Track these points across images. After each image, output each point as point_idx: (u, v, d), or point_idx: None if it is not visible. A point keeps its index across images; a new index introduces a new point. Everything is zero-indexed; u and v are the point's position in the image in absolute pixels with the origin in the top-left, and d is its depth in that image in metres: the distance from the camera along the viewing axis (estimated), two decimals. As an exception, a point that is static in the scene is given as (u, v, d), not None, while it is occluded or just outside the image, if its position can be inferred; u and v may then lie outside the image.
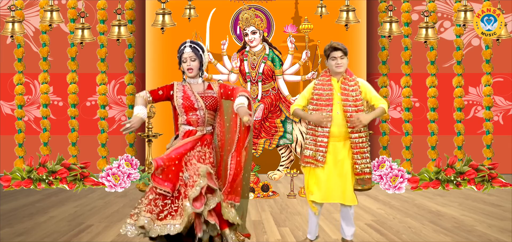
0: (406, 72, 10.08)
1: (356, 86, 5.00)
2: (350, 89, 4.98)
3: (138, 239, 5.55)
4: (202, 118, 4.76)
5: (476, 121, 10.18)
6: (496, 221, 6.25)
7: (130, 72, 10.10)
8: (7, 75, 10.12)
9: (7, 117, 10.16)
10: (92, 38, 9.36)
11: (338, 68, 5.00)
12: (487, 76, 10.06)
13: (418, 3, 10.06)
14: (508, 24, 9.68)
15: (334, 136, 4.97)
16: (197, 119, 4.75)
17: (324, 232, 5.79)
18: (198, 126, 4.76)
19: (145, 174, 8.46)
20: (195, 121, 4.75)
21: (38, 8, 10.03)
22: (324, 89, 5.02)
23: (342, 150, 4.98)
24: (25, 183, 8.40)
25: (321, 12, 9.41)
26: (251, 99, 4.80)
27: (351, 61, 9.91)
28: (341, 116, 4.96)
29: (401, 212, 6.80)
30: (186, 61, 4.77)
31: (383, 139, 10.10)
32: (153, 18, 9.41)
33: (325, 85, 5.03)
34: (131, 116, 4.96)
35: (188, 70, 4.77)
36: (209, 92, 4.82)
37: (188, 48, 4.78)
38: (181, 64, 4.80)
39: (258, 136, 9.16)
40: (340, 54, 4.99)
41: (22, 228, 6.01)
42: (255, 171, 8.12)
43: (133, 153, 9.86)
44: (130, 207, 7.19)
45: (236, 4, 9.80)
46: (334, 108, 4.97)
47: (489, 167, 8.33)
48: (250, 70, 9.18)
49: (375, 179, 8.29)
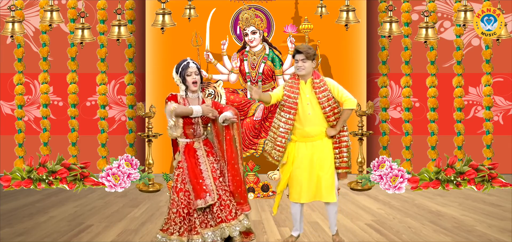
0: (406, 72, 10.08)
1: (325, 86, 5.13)
2: (321, 89, 5.11)
3: (138, 239, 5.55)
4: (197, 131, 5.05)
5: (476, 121, 10.18)
6: (496, 221, 6.25)
7: (130, 72, 10.10)
8: (7, 75, 10.12)
9: (7, 117, 10.16)
10: (92, 38, 9.36)
11: (299, 71, 5.14)
12: (487, 76, 10.06)
13: (418, 3, 10.05)
14: (508, 24, 9.68)
15: (309, 135, 5.12)
16: (193, 132, 5.03)
17: (324, 232, 5.80)
18: (194, 137, 5.03)
19: (145, 174, 8.46)
20: (191, 134, 5.03)
21: (38, 8, 10.03)
22: (292, 92, 5.15)
23: (318, 148, 5.12)
24: (25, 183, 8.40)
25: (321, 12, 9.41)
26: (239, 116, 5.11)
27: (351, 61, 10.03)
28: (314, 116, 5.10)
29: (401, 212, 6.80)
30: (191, 75, 5.00)
31: (383, 139, 10.10)
32: (153, 18, 9.41)
33: (293, 87, 5.17)
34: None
35: (193, 84, 5.00)
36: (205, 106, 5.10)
37: (193, 64, 5.02)
38: (186, 78, 5.00)
39: (258, 136, 9.17)
40: (302, 57, 5.11)
41: (22, 228, 6.02)
42: (255, 171, 8.12)
43: (133, 153, 9.86)
44: (130, 207, 7.20)
45: (236, 4, 9.80)
46: (304, 109, 5.11)
47: (489, 167, 8.32)
48: (250, 70, 9.19)
49: (375, 179, 8.29)
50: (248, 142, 9.08)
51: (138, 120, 10.09)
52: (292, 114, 5.11)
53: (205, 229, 4.88)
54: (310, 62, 5.12)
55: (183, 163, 4.97)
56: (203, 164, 4.98)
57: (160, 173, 8.72)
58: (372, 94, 10.07)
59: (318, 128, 5.12)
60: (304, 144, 5.14)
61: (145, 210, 7.01)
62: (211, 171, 4.97)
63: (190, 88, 5.02)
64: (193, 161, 4.95)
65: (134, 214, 6.76)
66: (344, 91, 5.16)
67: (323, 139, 5.15)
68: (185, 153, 4.98)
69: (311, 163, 5.12)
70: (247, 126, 9.08)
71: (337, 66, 9.80)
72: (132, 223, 6.25)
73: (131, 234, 5.76)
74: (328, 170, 5.11)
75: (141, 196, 8.10)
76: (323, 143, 5.14)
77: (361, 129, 8.53)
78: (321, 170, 5.10)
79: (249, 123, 9.09)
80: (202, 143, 5.05)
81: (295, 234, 5.36)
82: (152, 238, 5.53)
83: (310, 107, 5.11)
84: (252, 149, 9.13)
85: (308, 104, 5.11)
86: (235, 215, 4.95)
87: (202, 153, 5.00)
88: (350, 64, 9.92)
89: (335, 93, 5.14)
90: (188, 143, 5.02)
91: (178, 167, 5.00)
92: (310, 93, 5.13)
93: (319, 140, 5.14)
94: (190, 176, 4.92)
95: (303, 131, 5.13)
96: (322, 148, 5.13)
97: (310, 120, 5.11)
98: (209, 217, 4.91)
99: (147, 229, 5.95)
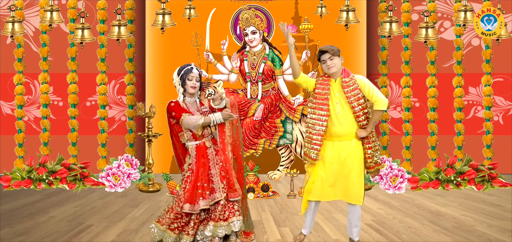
0: (406, 72, 10.08)
1: (355, 84, 5.03)
2: (351, 88, 5.01)
3: (138, 239, 5.55)
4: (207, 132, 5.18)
5: (476, 121, 10.18)
6: (496, 221, 6.25)
7: (130, 72, 10.10)
8: (7, 75, 10.12)
9: (7, 117, 10.16)
10: (92, 38, 9.36)
11: (330, 69, 5.06)
12: (487, 76, 10.06)
13: (418, 3, 10.06)
14: (508, 24, 9.68)
15: (337, 135, 5.03)
16: (202, 133, 5.15)
17: (324, 232, 5.79)
18: (204, 138, 5.16)
19: (145, 174, 8.46)
20: (201, 135, 5.15)
21: (38, 8, 10.03)
22: (322, 89, 5.08)
23: (347, 148, 5.03)
24: (25, 183, 8.40)
25: (321, 12, 9.41)
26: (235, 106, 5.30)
27: (351, 61, 10.03)
28: (343, 115, 5.01)
29: (401, 212, 6.80)
30: (192, 80, 5.13)
31: (383, 139, 10.10)
32: (153, 18, 9.41)
33: (323, 85, 5.09)
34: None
35: (192, 88, 5.13)
36: (203, 108, 5.23)
37: (196, 70, 5.17)
38: (186, 82, 5.12)
39: (258, 136, 9.16)
40: (328, 56, 5.05)
41: (22, 228, 6.02)
42: (255, 171, 8.12)
43: (133, 153, 9.86)
44: (130, 207, 7.20)
45: (236, 4, 9.80)
46: (333, 107, 5.02)
47: (489, 167, 8.32)
48: (250, 70, 9.18)
49: (375, 179, 8.29)
50: (248, 142, 9.08)
51: (138, 120, 10.09)
52: (325, 111, 5.01)
53: (207, 225, 5.07)
54: (338, 58, 5.04)
55: (194, 166, 5.10)
56: (212, 163, 5.12)
57: (160, 173, 8.72)
58: (372, 94, 10.06)
59: (347, 128, 5.02)
60: (331, 143, 5.06)
61: (145, 210, 7.01)
62: (219, 170, 5.12)
63: (188, 91, 5.13)
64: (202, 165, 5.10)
65: (134, 214, 6.76)
66: (375, 90, 5.02)
67: (351, 140, 5.04)
68: (198, 156, 5.12)
69: (338, 163, 5.03)
70: (247, 126, 9.08)
71: (337, 66, 9.78)
72: (132, 223, 6.25)
73: (131, 234, 5.76)
74: (356, 171, 5.03)
75: (141, 196, 8.10)
76: (352, 144, 5.04)
77: (361, 129, 8.52)
78: (350, 171, 5.02)
79: (249, 123, 9.09)
80: (211, 141, 5.18)
81: (305, 232, 5.30)
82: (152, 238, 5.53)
83: (339, 106, 5.02)
84: (252, 149, 9.13)
85: (337, 103, 5.02)
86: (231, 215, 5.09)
87: (212, 152, 5.15)
88: (350, 64, 9.91)
89: (365, 92, 5.03)
90: (199, 144, 5.13)
91: (189, 169, 5.12)
92: (339, 91, 5.03)
93: (347, 141, 5.04)
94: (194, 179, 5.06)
95: (331, 130, 5.03)
96: (350, 148, 5.03)
97: (338, 119, 5.01)
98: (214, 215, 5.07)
99: (147, 229, 5.94)
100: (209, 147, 5.14)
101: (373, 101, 5.01)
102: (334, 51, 5.03)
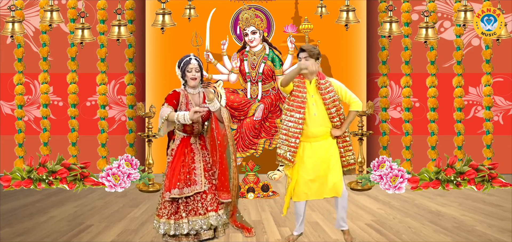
0: (406, 72, 10.08)
1: (330, 87, 5.16)
2: (326, 90, 5.13)
3: (138, 239, 5.55)
4: (196, 129, 5.25)
5: (476, 121, 10.18)
6: (496, 221, 6.25)
7: (130, 72, 10.10)
8: (7, 75, 10.12)
9: (7, 117, 10.16)
10: (92, 38, 9.35)
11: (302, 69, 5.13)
12: (487, 76, 10.06)
13: (418, 3, 10.06)
14: (508, 24, 9.68)
15: (314, 136, 5.15)
16: (192, 129, 5.22)
17: (324, 232, 5.80)
18: (192, 134, 5.23)
19: (145, 174, 8.46)
20: (190, 130, 5.21)
21: (38, 8, 10.03)
22: (299, 91, 5.16)
23: (323, 147, 5.15)
24: (25, 183, 8.40)
25: (321, 12, 9.40)
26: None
27: (351, 61, 10.03)
28: (319, 117, 5.13)
29: (401, 212, 6.80)
30: (191, 71, 5.16)
31: (383, 139, 10.10)
32: (153, 18, 9.41)
33: (300, 87, 5.17)
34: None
35: (192, 79, 5.16)
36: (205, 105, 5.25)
37: (195, 60, 5.20)
38: (185, 74, 5.17)
39: (258, 136, 9.17)
40: (305, 55, 5.12)
41: (22, 228, 6.02)
42: (255, 171, 8.12)
43: (133, 153, 9.87)
44: (130, 207, 7.20)
45: (236, 4, 9.80)
46: (309, 109, 5.13)
47: (489, 167, 8.32)
48: (250, 70, 9.19)
49: (375, 179, 8.29)
50: (248, 142, 9.08)
51: (138, 120, 10.09)
52: (302, 114, 5.11)
53: (194, 216, 5.11)
54: (313, 60, 5.11)
55: (175, 152, 5.19)
56: (197, 155, 5.18)
57: (160, 173, 8.69)
58: (372, 94, 10.07)
59: (323, 128, 5.15)
60: (309, 144, 5.17)
61: (145, 210, 7.01)
62: (203, 163, 5.17)
63: (189, 84, 5.17)
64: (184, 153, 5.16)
65: (134, 214, 6.76)
66: (351, 93, 5.21)
67: (327, 139, 5.18)
68: (180, 145, 5.20)
69: (316, 162, 5.15)
70: (247, 126, 9.08)
71: (337, 66, 9.79)
72: (132, 223, 6.25)
73: (131, 234, 5.76)
74: (333, 167, 5.15)
75: (141, 196, 8.10)
76: (328, 142, 5.17)
77: (361, 129, 8.53)
78: (327, 168, 5.14)
79: (249, 123, 9.09)
80: (197, 138, 5.25)
81: (296, 233, 5.40)
82: (152, 238, 5.54)
83: (315, 107, 5.13)
84: (252, 149, 9.13)
85: (313, 104, 5.13)
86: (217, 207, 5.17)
87: (197, 146, 5.21)
88: (350, 64, 9.92)
89: (342, 94, 5.19)
90: (185, 137, 5.21)
91: (171, 154, 5.22)
92: (315, 93, 5.15)
93: (323, 140, 5.17)
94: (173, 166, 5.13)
95: (308, 131, 5.14)
96: (327, 147, 5.17)
97: (315, 120, 5.13)
98: (198, 206, 5.12)
99: (147, 229, 5.95)
100: (194, 142, 5.21)
101: (349, 102, 5.20)
102: (313, 53, 5.12)
